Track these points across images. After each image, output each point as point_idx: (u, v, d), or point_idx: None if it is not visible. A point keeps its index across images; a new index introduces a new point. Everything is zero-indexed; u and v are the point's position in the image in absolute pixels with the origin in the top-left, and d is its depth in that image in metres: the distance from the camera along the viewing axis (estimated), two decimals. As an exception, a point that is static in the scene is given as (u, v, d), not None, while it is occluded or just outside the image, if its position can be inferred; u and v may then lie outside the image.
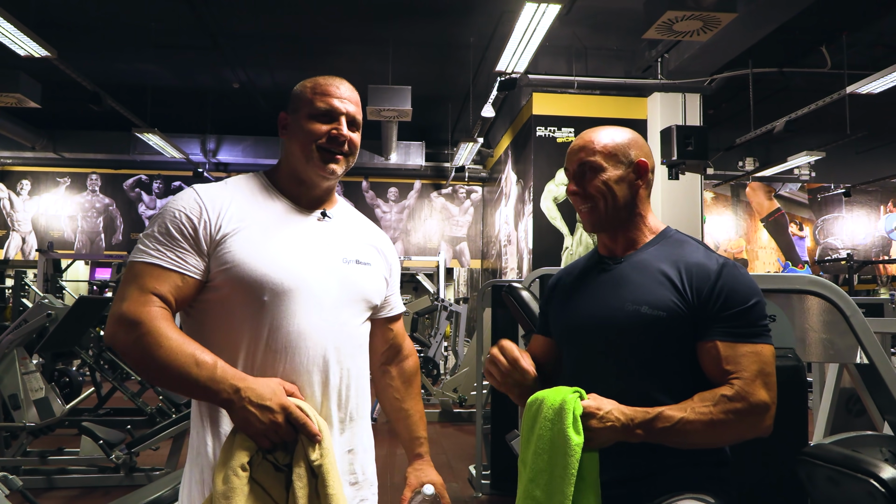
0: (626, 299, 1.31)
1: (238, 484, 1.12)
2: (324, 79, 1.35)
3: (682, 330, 1.27)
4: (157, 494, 2.04)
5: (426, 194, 11.88)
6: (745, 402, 1.20)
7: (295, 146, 1.32)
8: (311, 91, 1.33)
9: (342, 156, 1.33)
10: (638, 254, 1.38)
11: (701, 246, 1.37)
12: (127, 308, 1.16)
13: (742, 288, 1.27)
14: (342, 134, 1.32)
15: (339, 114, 1.32)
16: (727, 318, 1.25)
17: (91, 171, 11.51)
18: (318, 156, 1.31)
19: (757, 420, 1.21)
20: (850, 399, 4.04)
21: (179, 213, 1.23)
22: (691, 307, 1.27)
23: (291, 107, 1.35)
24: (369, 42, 7.48)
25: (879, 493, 1.06)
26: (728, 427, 1.19)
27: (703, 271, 1.29)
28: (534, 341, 1.57)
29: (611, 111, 7.64)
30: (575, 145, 1.43)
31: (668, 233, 1.41)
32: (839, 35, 7.02)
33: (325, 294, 1.27)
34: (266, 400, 1.14)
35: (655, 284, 1.30)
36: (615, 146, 1.39)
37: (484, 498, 4.19)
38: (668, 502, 1.24)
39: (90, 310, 5.05)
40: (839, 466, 1.17)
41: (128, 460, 4.15)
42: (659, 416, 1.19)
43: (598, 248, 1.48)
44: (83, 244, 11.46)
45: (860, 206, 12.23)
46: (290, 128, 1.34)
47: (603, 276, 1.40)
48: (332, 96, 1.33)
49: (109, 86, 7.94)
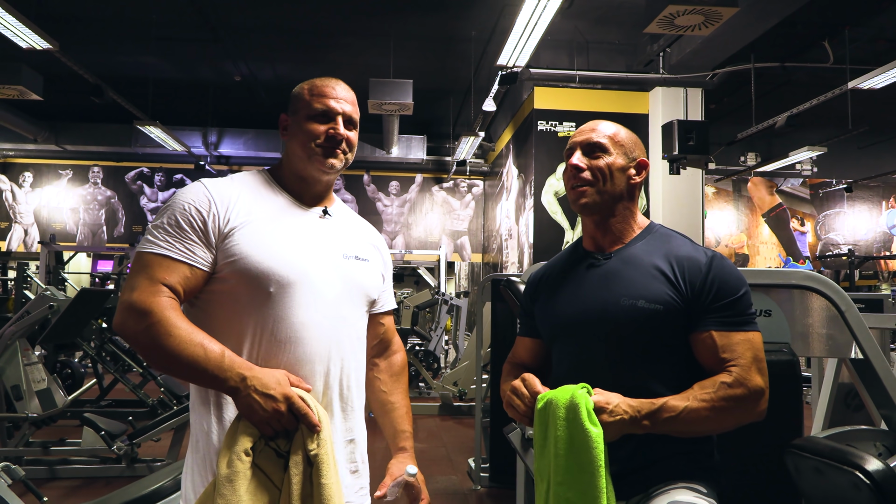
0: (621, 294, 1.32)
1: (241, 468, 1.15)
2: (320, 81, 1.40)
3: (678, 322, 1.30)
4: (158, 485, 2.06)
5: (427, 188, 11.88)
6: (744, 388, 1.23)
7: (295, 146, 1.37)
8: (309, 93, 1.38)
9: (341, 152, 1.38)
10: (626, 249, 1.40)
11: (686, 239, 1.40)
12: (137, 297, 1.19)
13: (732, 279, 1.31)
14: (339, 133, 1.37)
15: (336, 114, 1.37)
16: (720, 308, 1.28)
17: (93, 163, 11.53)
18: (318, 152, 1.35)
19: (754, 405, 1.24)
20: (848, 394, 4.06)
21: (189, 205, 1.26)
22: (686, 299, 1.30)
23: (291, 108, 1.40)
24: (371, 35, 7.47)
25: (864, 484, 1.08)
26: (729, 413, 1.22)
27: (695, 264, 1.32)
28: (519, 344, 1.56)
29: (612, 105, 7.63)
30: (586, 126, 1.46)
31: (654, 227, 1.44)
32: (841, 30, 7.00)
33: (328, 288, 1.31)
34: (270, 389, 1.17)
35: (649, 278, 1.32)
36: (623, 139, 1.43)
37: (483, 491, 4.21)
38: (661, 491, 1.26)
39: (92, 301, 5.07)
40: (826, 458, 1.19)
41: (129, 451, 4.18)
42: (664, 406, 1.21)
43: (581, 243, 1.49)
44: (85, 236, 11.49)
45: (862, 201, 12.21)
46: (291, 129, 1.39)
47: (592, 271, 1.41)
48: (328, 97, 1.37)
49: (111, 78, 7.95)
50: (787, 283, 1.78)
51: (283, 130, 1.42)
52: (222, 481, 1.14)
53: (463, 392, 6.92)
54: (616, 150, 1.41)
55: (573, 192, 1.42)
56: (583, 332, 1.37)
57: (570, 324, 1.39)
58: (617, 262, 1.38)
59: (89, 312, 5.18)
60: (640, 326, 1.30)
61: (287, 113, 1.42)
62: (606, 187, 1.39)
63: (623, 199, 1.41)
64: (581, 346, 1.37)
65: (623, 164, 1.41)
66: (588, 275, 1.41)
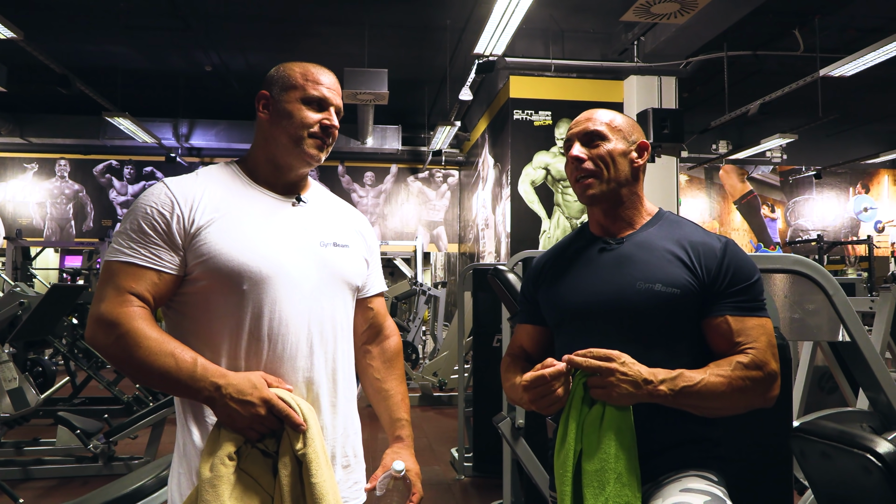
0: (637, 278, 1.31)
1: (225, 472, 1.12)
2: (313, 66, 1.35)
3: (694, 307, 1.30)
4: (139, 483, 2.02)
5: (403, 178, 11.82)
6: (762, 371, 1.24)
7: (280, 131, 1.31)
8: (303, 76, 1.32)
9: (327, 146, 1.34)
10: (638, 234, 1.39)
11: (697, 226, 1.40)
12: (105, 309, 1.17)
13: (746, 265, 1.32)
14: (333, 125, 1.33)
15: (330, 104, 1.33)
16: (735, 293, 1.29)
17: (60, 156, 11.26)
18: (309, 142, 1.30)
19: (768, 389, 1.25)
20: (822, 377, 4.14)
21: (151, 209, 1.22)
22: (702, 284, 1.30)
23: (276, 87, 1.32)
24: (345, 24, 7.38)
25: (876, 466, 1.09)
26: (744, 393, 1.22)
27: (709, 249, 1.32)
28: (520, 332, 1.53)
29: (587, 94, 7.65)
30: (581, 117, 1.44)
31: (663, 214, 1.43)
32: (811, 18, 7.09)
33: (304, 279, 1.27)
34: (247, 395, 1.15)
35: (665, 263, 1.32)
36: (620, 124, 1.42)
37: (466, 480, 4.22)
38: (672, 479, 1.26)
39: (63, 298, 4.96)
40: (834, 442, 1.20)
41: (106, 449, 4.11)
42: (681, 374, 1.21)
43: (588, 228, 1.48)
44: (53, 231, 11.24)
45: (830, 188, 12.44)
46: (276, 110, 1.32)
47: (604, 255, 1.39)
48: (323, 85, 1.33)
49: (79, 68, 7.75)
50: (776, 267, 1.79)
51: (263, 110, 1.33)
52: (205, 486, 1.11)
53: (443, 382, 6.92)
54: (615, 136, 1.39)
55: (578, 185, 1.40)
56: (596, 317, 1.35)
57: (582, 309, 1.37)
58: (630, 246, 1.37)
59: (61, 309, 5.07)
60: (657, 311, 1.29)
61: (269, 91, 1.32)
62: (611, 174, 1.38)
63: (629, 184, 1.40)
64: (594, 331, 1.35)
65: (624, 149, 1.39)
66: (600, 259, 1.39)
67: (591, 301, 1.36)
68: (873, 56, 5.77)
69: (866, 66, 6.04)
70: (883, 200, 12.65)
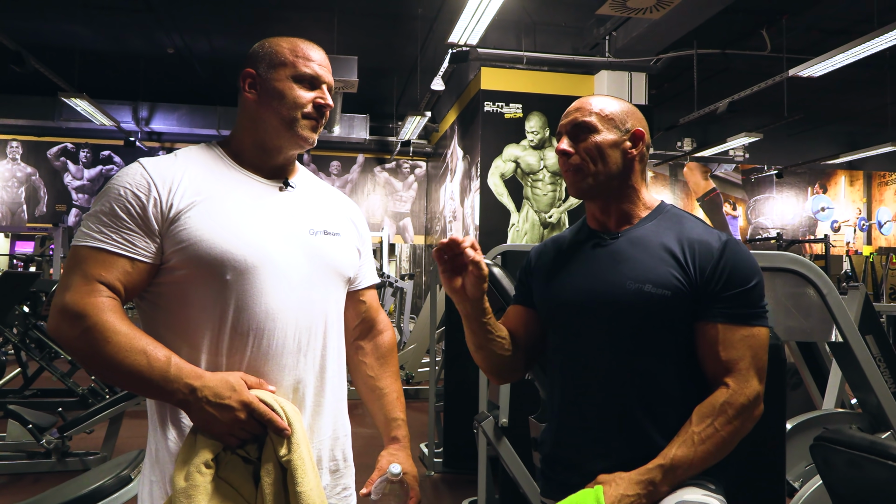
0: (627, 276, 1.25)
1: (201, 481, 1.02)
2: (302, 41, 1.26)
3: (685, 309, 1.23)
4: (98, 483, 1.90)
5: (369, 168, 11.69)
6: (742, 406, 1.19)
7: (270, 112, 1.21)
8: (292, 52, 1.23)
9: (320, 126, 1.25)
10: (635, 229, 1.32)
11: (699, 221, 1.33)
12: (70, 299, 1.05)
13: (745, 267, 1.24)
14: (327, 103, 1.23)
15: (322, 81, 1.24)
16: (728, 298, 1.22)
17: (11, 137, 10.83)
18: (303, 124, 1.21)
19: (753, 415, 1.21)
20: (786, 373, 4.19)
21: (125, 190, 1.11)
22: (694, 285, 1.23)
23: (263, 65, 1.23)
24: (314, 9, 7.23)
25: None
26: (735, 436, 1.19)
27: (707, 248, 1.25)
28: (510, 312, 1.48)
29: (558, 88, 7.64)
30: (572, 107, 1.36)
31: (665, 207, 1.36)
32: (779, 19, 7.19)
33: (293, 269, 1.17)
34: (225, 398, 1.05)
35: (657, 262, 1.25)
36: (612, 111, 1.33)
37: (437, 476, 4.16)
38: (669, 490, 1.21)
39: (15, 286, 4.75)
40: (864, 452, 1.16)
41: (60, 445, 3.94)
42: (673, 462, 1.17)
43: (586, 221, 1.42)
44: (3, 216, 10.82)
45: (790, 187, 12.71)
46: (265, 89, 1.21)
47: (598, 251, 1.33)
48: (314, 61, 1.23)
49: (34, 46, 7.44)
50: (771, 266, 1.77)
51: (249, 89, 1.22)
52: (179, 497, 1.01)
53: (410, 376, 6.85)
54: (605, 126, 1.31)
55: (567, 180, 1.35)
56: (583, 315, 1.29)
57: (570, 305, 1.31)
58: (624, 242, 1.31)
59: (12, 297, 4.86)
60: (646, 312, 1.23)
61: (255, 69, 1.23)
62: (598, 168, 1.30)
63: (623, 177, 1.33)
64: (581, 330, 1.29)
65: (615, 139, 1.31)
66: (592, 254, 1.33)
67: (579, 298, 1.30)
68: (842, 57, 5.86)
69: (835, 68, 6.14)
70: (839, 201, 12.99)
